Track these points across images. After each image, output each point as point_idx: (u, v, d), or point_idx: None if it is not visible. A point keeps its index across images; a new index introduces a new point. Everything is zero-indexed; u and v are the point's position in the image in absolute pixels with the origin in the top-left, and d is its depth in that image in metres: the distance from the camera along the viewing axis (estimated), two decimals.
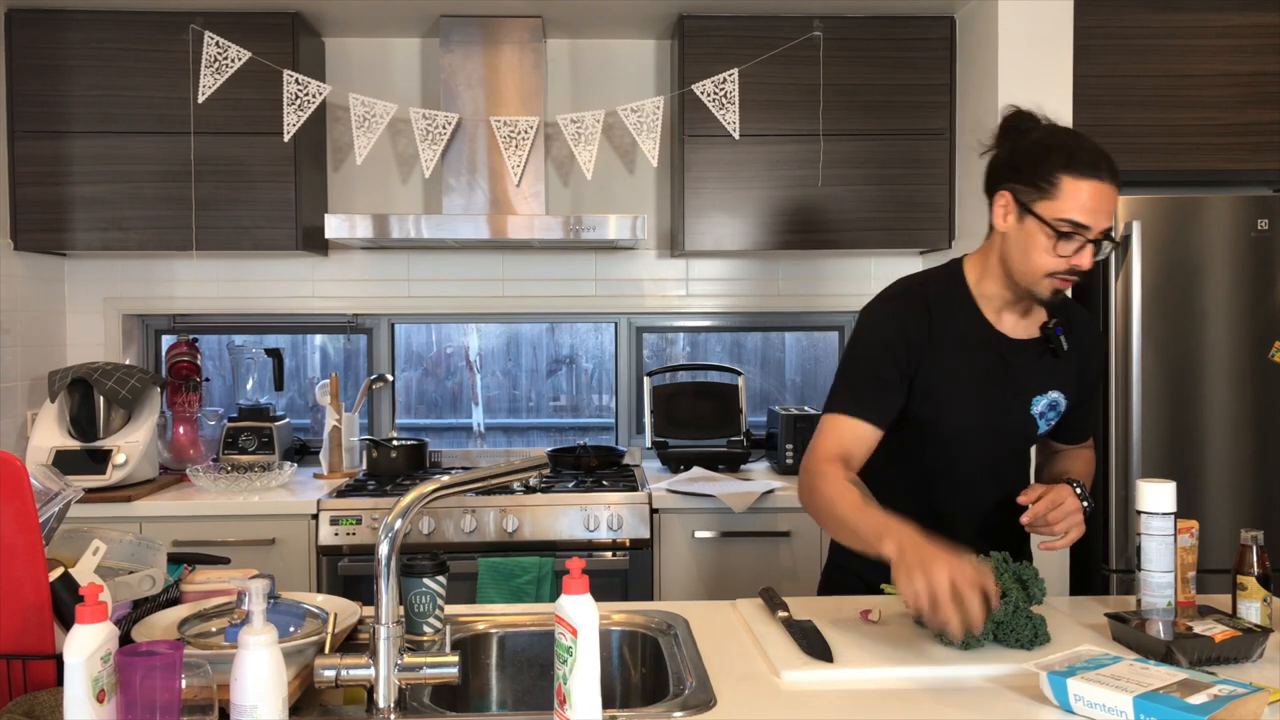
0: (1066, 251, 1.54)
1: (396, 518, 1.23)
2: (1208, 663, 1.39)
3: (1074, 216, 1.52)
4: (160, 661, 1.05)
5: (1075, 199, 1.52)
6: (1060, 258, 1.55)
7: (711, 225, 3.05)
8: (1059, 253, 1.55)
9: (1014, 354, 1.68)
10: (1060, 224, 1.53)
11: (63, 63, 2.94)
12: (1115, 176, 1.54)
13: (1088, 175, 1.52)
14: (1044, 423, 1.73)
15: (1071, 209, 1.52)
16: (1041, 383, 1.70)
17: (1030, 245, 1.57)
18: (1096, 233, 1.54)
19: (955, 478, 1.74)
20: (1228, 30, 2.91)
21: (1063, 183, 1.52)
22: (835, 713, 1.26)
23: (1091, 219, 1.52)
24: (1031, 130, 1.61)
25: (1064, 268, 1.56)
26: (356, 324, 3.42)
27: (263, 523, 2.73)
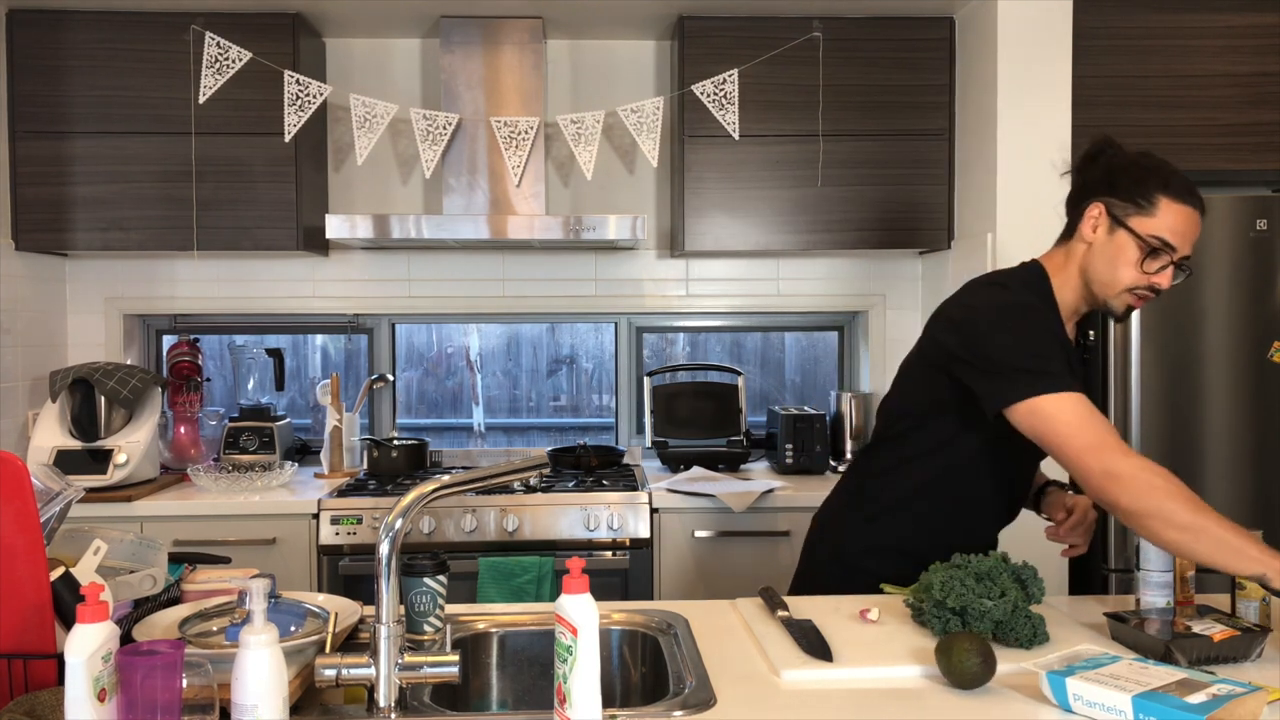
0: (1151, 269, 1.61)
1: (397, 517, 1.23)
2: (1206, 662, 1.39)
3: (1166, 235, 1.59)
4: (161, 661, 1.05)
5: (1168, 219, 1.59)
6: (1144, 274, 1.61)
7: (711, 225, 3.05)
8: (1144, 269, 1.61)
9: (1076, 359, 1.72)
10: (1152, 239, 1.59)
11: (63, 63, 2.94)
12: (1202, 208, 1.62)
13: (1184, 200, 1.59)
14: None
15: (1164, 228, 1.59)
16: (1079, 381, 1.70)
17: (1118, 258, 1.62)
18: (1181, 255, 1.60)
19: (1026, 476, 1.81)
20: (1228, 30, 2.91)
21: (1160, 202, 1.59)
22: (835, 712, 1.27)
23: (1180, 241, 1.59)
24: (1123, 152, 1.68)
25: (1145, 284, 1.62)
26: (357, 324, 3.42)
27: (263, 522, 2.73)
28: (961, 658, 1.31)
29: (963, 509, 1.76)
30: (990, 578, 1.48)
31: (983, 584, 1.47)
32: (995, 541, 1.85)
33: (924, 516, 1.77)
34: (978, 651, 1.31)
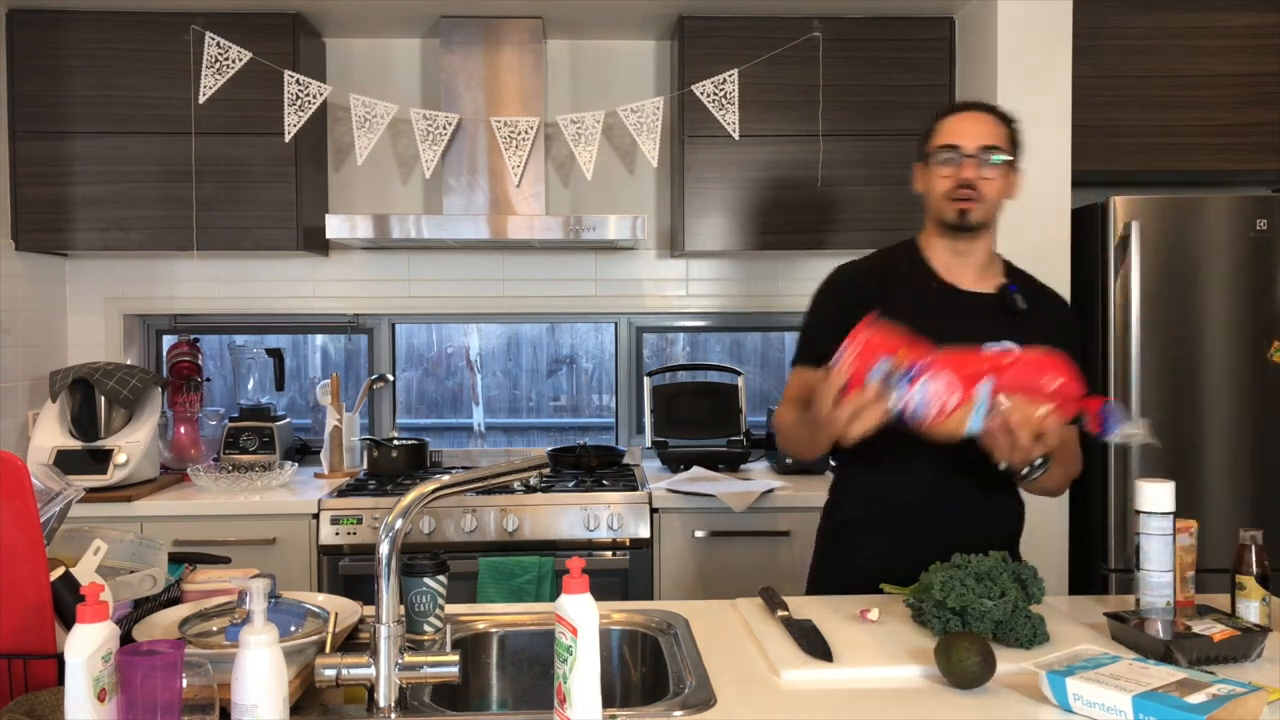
0: (947, 171, 1.79)
1: (397, 517, 1.23)
2: (1206, 662, 1.39)
3: (944, 140, 1.79)
4: (161, 661, 1.05)
5: (943, 130, 1.81)
6: (946, 178, 1.79)
7: (711, 225, 3.05)
8: (943, 174, 1.79)
9: (964, 303, 1.83)
10: (935, 151, 1.80)
11: (63, 63, 2.94)
12: (987, 110, 1.81)
13: (953, 111, 1.82)
14: None
15: (941, 138, 1.80)
16: (992, 332, 1.70)
17: (929, 181, 1.83)
18: (971, 148, 1.76)
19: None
20: (1228, 30, 2.91)
21: (937, 124, 1.83)
22: (835, 712, 1.27)
23: (961, 139, 1.77)
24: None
25: (952, 183, 1.78)
26: (357, 324, 3.42)
27: (263, 522, 2.73)
28: (961, 658, 1.31)
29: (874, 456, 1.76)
30: (990, 578, 1.48)
31: (983, 584, 1.47)
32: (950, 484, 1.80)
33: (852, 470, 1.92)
34: (978, 651, 1.31)
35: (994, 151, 1.76)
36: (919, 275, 1.85)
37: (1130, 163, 2.92)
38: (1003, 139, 1.78)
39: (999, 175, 1.78)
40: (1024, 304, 1.80)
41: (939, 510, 1.80)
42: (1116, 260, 2.69)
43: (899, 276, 1.86)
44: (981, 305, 1.81)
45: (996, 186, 1.78)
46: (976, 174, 1.76)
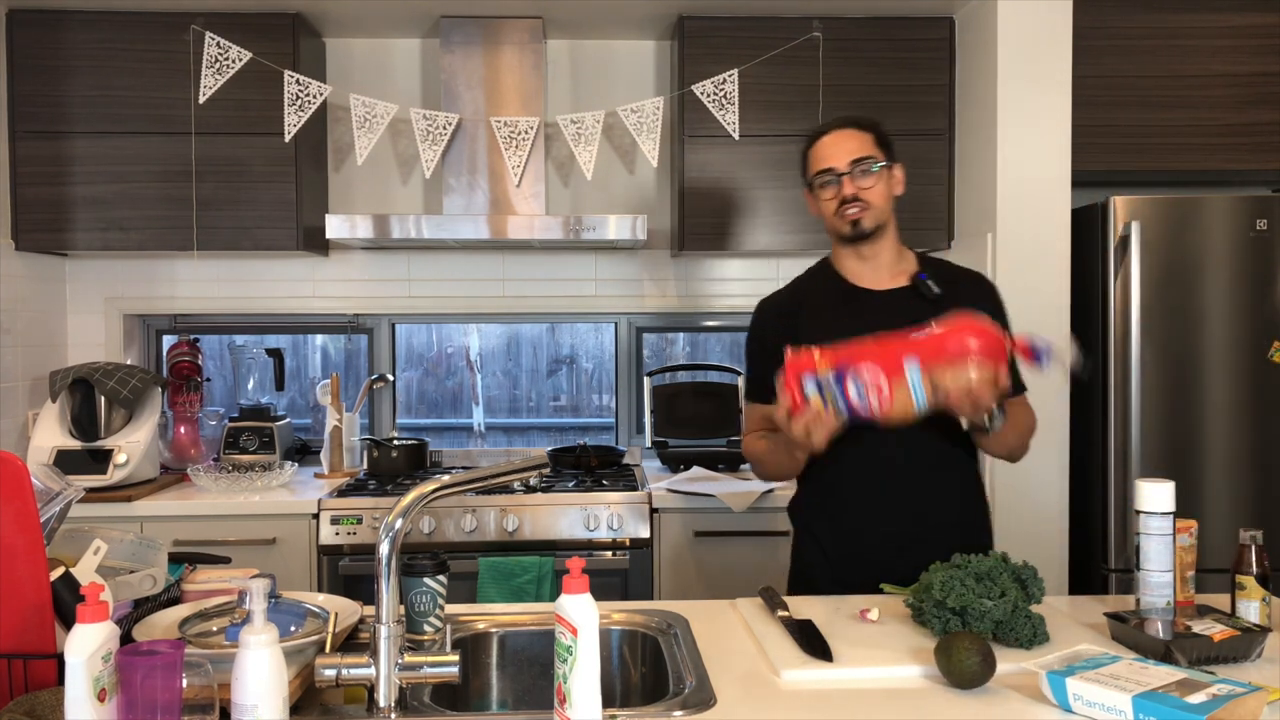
0: (829, 194, 1.88)
1: (397, 517, 1.23)
2: (1207, 662, 1.39)
3: (819, 166, 1.88)
4: (161, 661, 1.05)
5: (815, 157, 1.90)
6: (830, 199, 1.88)
7: (711, 225, 3.05)
8: (827, 197, 1.89)
9: (880, 301, 1.90)
10: (814, 178, 1.90)
11: (63, 63, 2.94)
12: (848, 124, 1.89)
13: (815, 138, 1.91)
14: None
15: (817, 163, 1.89)
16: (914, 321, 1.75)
17: (818, 205, 1.92)
18: (843, 166, 1.85)
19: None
20: (1228, 30, 2.91)
21: (809, 152, 1.92)
22: (835, 712, 1.27)
23: (833, 161, 1.86)
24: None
25: (837, 203, 1.87)
26: (357, 324, 3.42)
27: (263, 522, 2.73)
28: (961, 658, 1.31)
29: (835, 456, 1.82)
30: (990, 578, 1.48)
31: (983, 584, 1.48)
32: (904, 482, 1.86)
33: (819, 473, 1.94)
34: (978, 651, 1.31)
35: (866, 163, 1.85)
36: (833, 287, 1.95)
37: (1130, 163, 2.92)
38: (870, 147, 1.87)
39: (878, 180, 1.86)
40: (937, 289, 1.86)
41: (895, 488, 1.85)
42: (1116, 260, 2.69)
43: (816, 293, 1.96)
44: (897, 300, 1.89)
45: (879, 192, 1.86)
46: (856, 187, 1.85)
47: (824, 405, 1.60)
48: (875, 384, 1.58)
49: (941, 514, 1.84)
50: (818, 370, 1.59)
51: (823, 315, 1.90)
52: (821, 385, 1.59)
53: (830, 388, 1.58)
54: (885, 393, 1.58)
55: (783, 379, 1.63)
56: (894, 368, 1.58)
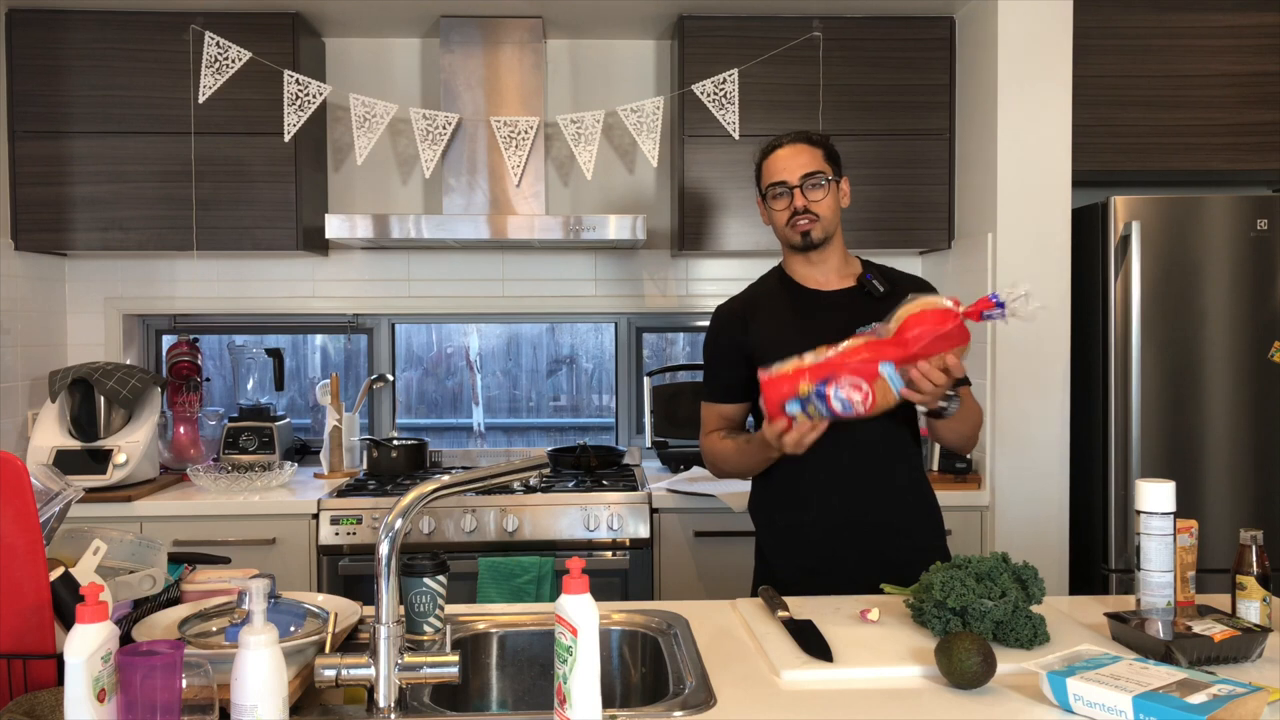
0: (781, 205, 1.97)
1: (397, 517, 1.23)
2: (1207, 662, 1.39)
3: (772, 179, 1.97)
4: (161, 661, 1.05)
5: (768, 170, 1.99)
6: (782, 211, 1.97)
7: (711, 225, 3.05)
8: (779, 208, 1.97)
9: (828, 301, 2.00)
10: (767, 190, 1.98)
11: (63, 63, 2.94)
12: (800, 139, 1.97)
13: (771, 151, 1.99)
14: None
15: (768, 177, 1.98)
16: (861, 318, 1.84)
17: (770, 216, 2.01)
18: (795, 180, 1.93)
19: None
20: (1228, 30, 2.91)
21: (762, 166, 2.01)
22: (835, 712, 1.27)
23: (785, 174, 1.95)
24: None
25: (789, 214, 1.96)
26: (357, 324, 3.42)
27: (263, 522, 2.73)
28: (962, 658, 1.31)
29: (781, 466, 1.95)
30: (990, 578, 1.48)
31: (983, 584, 1.47)
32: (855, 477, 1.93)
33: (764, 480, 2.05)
34: (978, 651, 1.31)
35: (816, 177, 1.94)
36: (785, 290, 2.05)
37: (1130, 163, 2.92)
38: (820, 162, 1.95)
39: (827, 194, 1.95)
40: (882, 287, 1.97)
41: (854, 475, 1.93)
42: (1117, 260, 2.69)
43: (768, 296, 2.07)
44: (844, 299, 1.99)
45: (828, 204, 1.95)
46: (806, 200, 1.94)
47: (809, 419, 1.67)
48: (859, 393, 1.63)
49: (894, 498, 1.95)
50: (799, 392, 1.65)
51: (776, 315, 2.01)
52: (805, 403, 1.64)
53: (814, 403, 1.64)
54: (869, 396, 1.63)
55: (765, 405, 1.69)
56: (870, 373, 1.64)
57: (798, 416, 1.66)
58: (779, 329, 1.99)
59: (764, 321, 2.02)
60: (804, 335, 1.87)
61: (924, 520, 1.99)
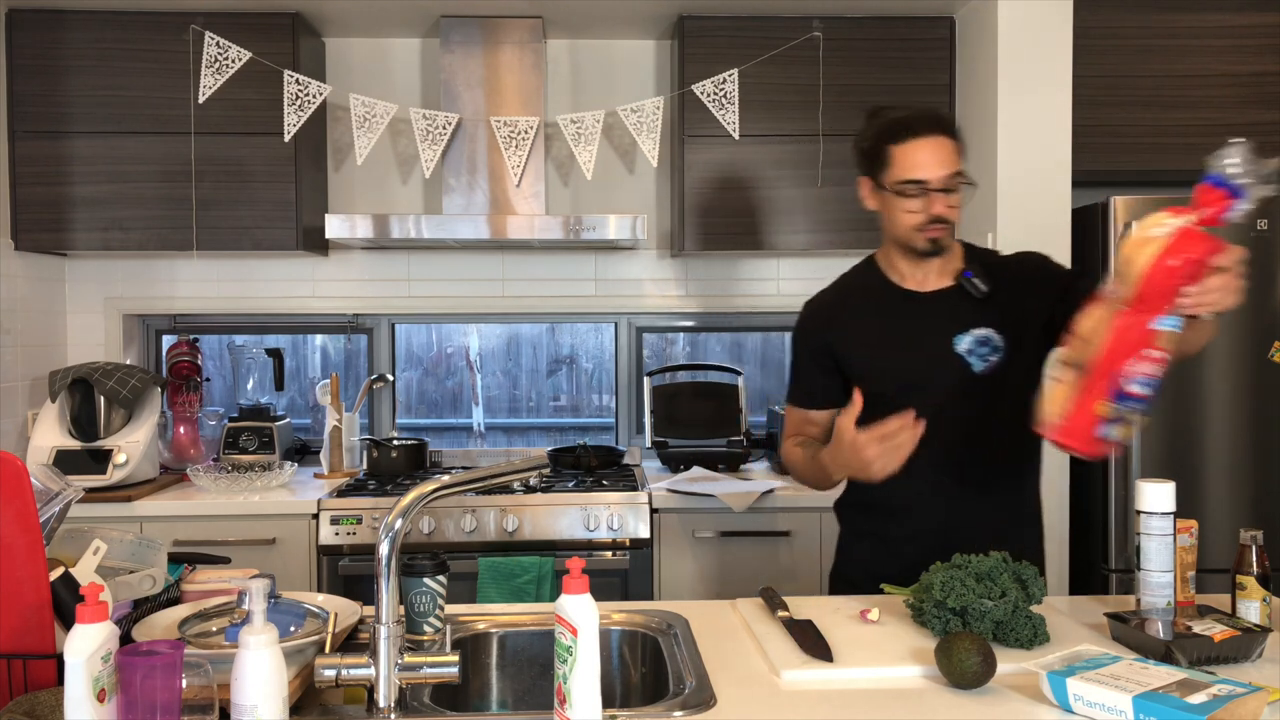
0: (916, 207, 1.74)
1: (397, 517, 1.23)
2: (1207, 662, 1.39)
3: (907, 176, 1.73)
4: (161, 661, 1.05)
5: (904, 162, 1.73)
6: (914, 213, 1.75)
7: (711, 225, 3.05)
8: (910, 209, 1.75)
9: (927, 305, 1.83)
10: (899, 186, 1.74)
11: (63, 63, 2.94)
12: (939, 129, 1.73)
13: (909, 139, 1.73)
14: (978, 360, 1.78)
15: (903, 171, 1.73)
16: (962, 323, 1.79)
17: (892, 211, 1.78)
18: (936, 182, 1.72)
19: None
20: (1228, 30, 2.91)
21: (892, 153, 1.74)
22: (835, 713, 1.26)
23: (924, 172, 1.72)
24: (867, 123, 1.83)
25: (924, 219, 1.74)
26: (357, 324, 3.42)
27: (263, 522, 2.73)
28: (962, 658, 1.30)
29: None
30: (991, 578, 1.48)
31: (983, 584, 1.47)
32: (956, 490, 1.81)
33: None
34: (978, 651, 1.31)
35: (958, 178, 1.74)
36: (879, 288, 1.88)
37: (1130, 163, 2.92)
38: (958, 158, 1.75)
39: (960, 198, 1.76)
40: (984, 286, 1.79)
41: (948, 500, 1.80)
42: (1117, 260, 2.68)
43: (860, 293, 1.90)
44: (941, 302, 1.83)
45: (959, 210, 1.77)
46: (944, 206, 1.73)
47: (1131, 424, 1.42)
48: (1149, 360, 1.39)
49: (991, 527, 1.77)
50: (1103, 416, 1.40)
51: (867, 317, 1.86)
52: (1116, 420, 1.40)
53: (1124, 411, 1.40)
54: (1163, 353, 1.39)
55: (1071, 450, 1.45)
56: (1148, 337, 1.39)
57: (1117, 431, 1.41)
58: (869, 332, 1.84)
59: (853, 323, 1.87)
60: (896, 341, 1.82)
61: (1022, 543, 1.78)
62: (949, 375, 1.79)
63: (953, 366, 1.78)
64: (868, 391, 1.71)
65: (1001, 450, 1.80)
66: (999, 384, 1.78)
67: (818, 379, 1.91)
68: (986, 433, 1.79)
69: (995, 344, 1.78)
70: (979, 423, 1.79)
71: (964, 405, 1.78)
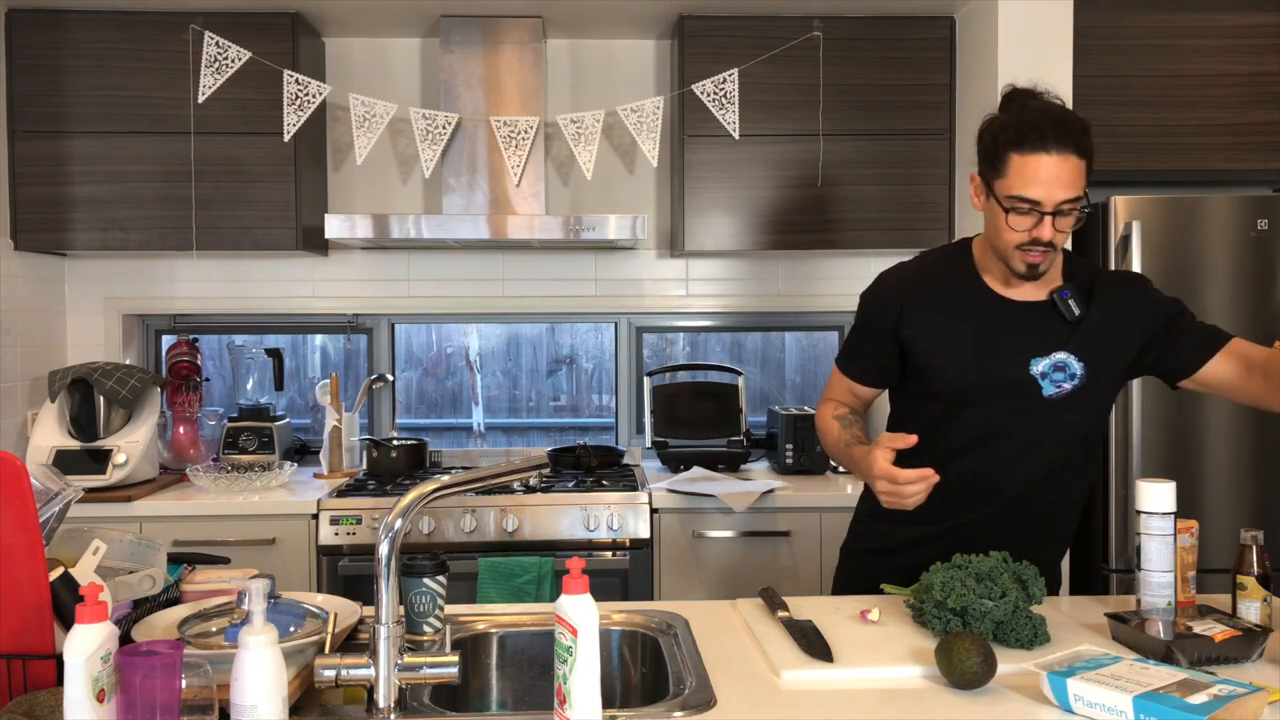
0: (1023, 226, 1.60)
1: (397, 517, 1.23)
2: (1207, 663, 1.39)
3: (1021, 192, 1.58)
4: (160, 661, 1.05)
5: (1021, 175, 1.58)
6: (1019, 232, 1.61)
7: (711, 225, 3.05)
8: (1015, 227, 1.60)
9: (1012, 315, 1.72)
10: (1009, 201, 1.60)
11: (63, 63, 2.94)
12: (1070, 146, 1.57)
13: (1033, 150, 1.57)
14: (1049, 384, 1.69)
15: (1017, 185, 1.58)
16: (1044, 345, 1.69)
17: (995, 222, 1.64)
18: (1050, 205, 1.57)
19: (968, 435, 1.73)
20: (1228, 30, 2.91)
21: (1011, 160, 1.59)
22: (835, 713, 1.26)
23: (1040, 193, 1.57)
24: (997, 115, 1.68)
25: (1025, 241, 1.61)
26: (356, 324, 3.42)
27: (263, 523, 2.73)
28: (962, 658, 1.30)
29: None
30: (991, 578, 1.48)
31: (983, 584, 1.47)
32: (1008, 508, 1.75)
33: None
34: (978, 652, 1.31)
35: (1071, 205, 1.58)
36: (967, 282, 1.75)
37: (1131, 162, 2.92)
38: (1082, 180, 1.58)
39: (1073, 222, 1.61)
40: (1077, 309, 1.67)
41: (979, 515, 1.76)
42: (1117, 260, 2.68)
43: (946, 282, 1.76)
44: (1032, 314, 1.71)
45: (1069, 236, 1.63)
46: (1054, 231, 1.59)
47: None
48: None
49: (1017, 542, 1.70)
50: None
51: (948, 309, 1.73)
52: None
53: None
54: None
55: None
56: None
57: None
58: (949, 329, 1.72)
59: (931, 311, 1.74)
60: (971, 348, 1.71)
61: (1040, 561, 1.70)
62: (1016, 394, 1.70)
63: (1023, 386, 1.69)
64: (927, 389, 1.68)
65: (1047, 471, 1.74)
66: (1064, 408, 1.70)
67: (875, 359, 1.82)
68: (1038, 452, 1.72)
69: (1073, 371, 1.69)
70: (1033, 442, 1.72)
71: (1021, 424, 1.71)
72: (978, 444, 1.73)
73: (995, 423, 1.71)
